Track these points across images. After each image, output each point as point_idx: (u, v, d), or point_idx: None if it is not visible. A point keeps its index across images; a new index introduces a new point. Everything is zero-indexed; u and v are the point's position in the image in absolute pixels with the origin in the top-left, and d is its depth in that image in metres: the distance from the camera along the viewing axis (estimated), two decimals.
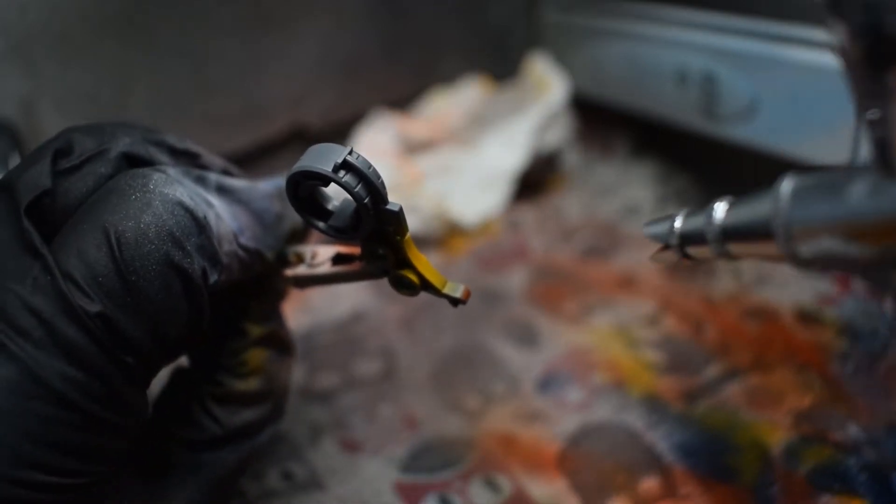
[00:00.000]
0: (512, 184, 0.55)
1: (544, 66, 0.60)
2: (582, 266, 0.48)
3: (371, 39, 0.58)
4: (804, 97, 0.42)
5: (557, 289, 0.46)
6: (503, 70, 0.64)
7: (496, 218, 0.54)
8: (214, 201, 0.25)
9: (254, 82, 0.53)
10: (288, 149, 0.56)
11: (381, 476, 0.34)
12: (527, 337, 0.42)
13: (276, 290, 0.30)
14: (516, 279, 0.47)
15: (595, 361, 0.39)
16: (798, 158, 0.43)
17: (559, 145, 0.58)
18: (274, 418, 0.29)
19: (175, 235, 0.22)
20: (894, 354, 0.35)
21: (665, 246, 0.27)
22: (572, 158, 0.60)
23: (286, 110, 0.55)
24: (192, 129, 0.50)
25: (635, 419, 0.35)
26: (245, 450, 0.28)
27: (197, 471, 0.27)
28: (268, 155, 0.55)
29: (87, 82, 0.46)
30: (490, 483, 0.33)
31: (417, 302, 0.44)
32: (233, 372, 0.28)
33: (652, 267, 0.46)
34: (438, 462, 0.34)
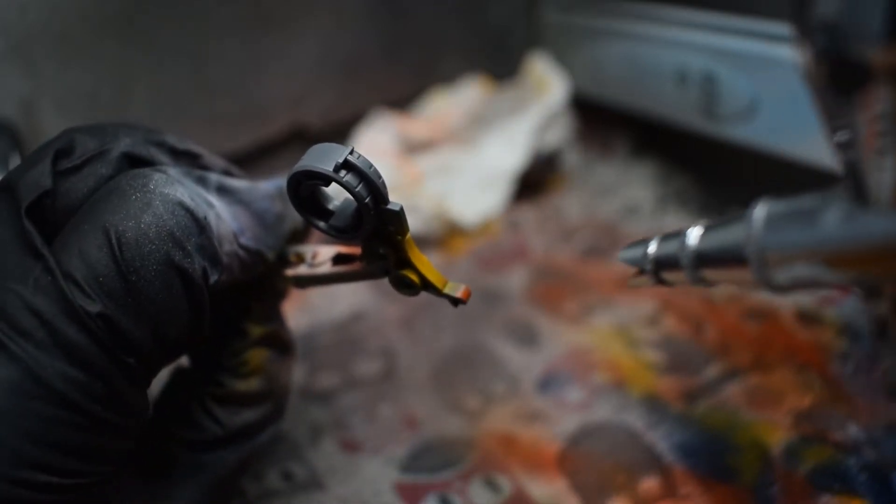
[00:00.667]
0: (512, 184, 0.55)
1: (544, 66, 0.60)
2: (582, 266, 0.48)
3: (371, 39, 0.58)
4: (804, 97, 0.41)
5: (557, 289, 0.46)
6: (503, 70, 0.64)
7: (496, 218, 0.54)
8: (215, 201, 0.25)
9: (254, 82, 0.53)
10: (288, 149, 0.56)
11: (381, 476, 0.34)
12: (527, 337, 0.42)
13: (277, 291, 0.30)
14: (516, 279, 0.47)
15: (595, 361, 0.39)
16: (798, 158, 0.43)
17: (559, 145, 0.58)
18: (274, 418, 0.29)
19: (175, 235, 0.22)
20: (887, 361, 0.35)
21: (640, 271, 0.27)
22: (572, 158, 0.60)
23: (286, 110, 0.55)
24: (193, 130, 0.51)
25: (635, 419, 0.35)
26: (245, 450, 0.28)
27: (197, 471, 0.27)
28: (268, 155, 0.55)
29: (87, 82, 0.46)
30: (490, 483, 0.33)
31: (417, 302, 0.44)
32: (233, 372, 0.28)
33: None
34: (438, 462, 0.34)
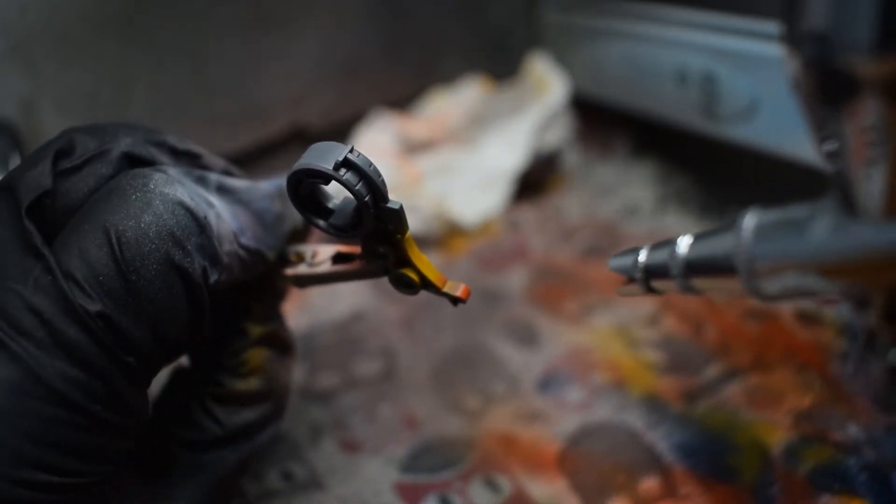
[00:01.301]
0: (512, 184, 0.55)
1: (544, 66, 0.60)
2: (582, 266, 0.48)
3: (371, 39, 0.58)
4: None
5: (557, 289, 0.46)
6: (503, 70, 0.64)
7: (496, 218, 0.54)
8: (215, 201, 0.25)
9: (254, 82, 0.53)
10: (288, 149, 0.56)
11: (381, 476, 0.34)
12: (527, 337, 0.42)
13: (277, 290, 0.30)
14: (516, 279, 0.47)
15: (595, 361, 0.39)
16: (798, 158, 0.43)
17: (559, 145, 0.58)
18: (274, 418, 0.29)
19: (175, 235, 0.22)
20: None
21: (630, 279, 0.27)
22: (572, 158, 0.60)
23: (286, 110, 0.55)
24: (193, 129, 0.51)
25: (635, 419, 0.35)
26: (245, 450, 0.28)
27: (197, 471, 0.27)
28: (268, 155, 0.55)
29: (87, 82, 0.46)
30: (490, 483, 0.33)
31: (417, 302, 0.44)
32: (233, 372, 0.28)
33: None
34: (438, 462, 0.34)
